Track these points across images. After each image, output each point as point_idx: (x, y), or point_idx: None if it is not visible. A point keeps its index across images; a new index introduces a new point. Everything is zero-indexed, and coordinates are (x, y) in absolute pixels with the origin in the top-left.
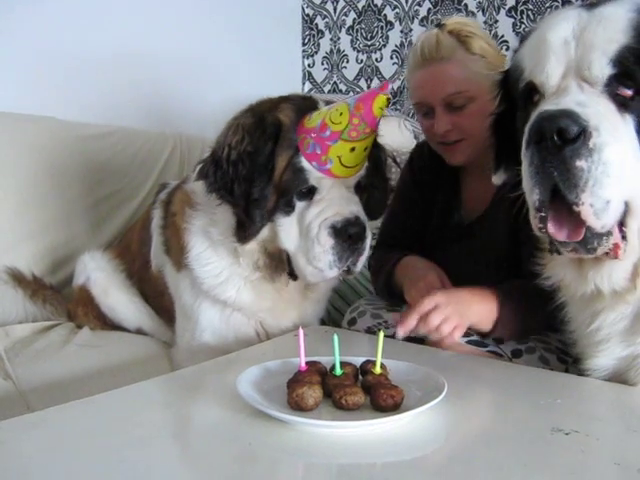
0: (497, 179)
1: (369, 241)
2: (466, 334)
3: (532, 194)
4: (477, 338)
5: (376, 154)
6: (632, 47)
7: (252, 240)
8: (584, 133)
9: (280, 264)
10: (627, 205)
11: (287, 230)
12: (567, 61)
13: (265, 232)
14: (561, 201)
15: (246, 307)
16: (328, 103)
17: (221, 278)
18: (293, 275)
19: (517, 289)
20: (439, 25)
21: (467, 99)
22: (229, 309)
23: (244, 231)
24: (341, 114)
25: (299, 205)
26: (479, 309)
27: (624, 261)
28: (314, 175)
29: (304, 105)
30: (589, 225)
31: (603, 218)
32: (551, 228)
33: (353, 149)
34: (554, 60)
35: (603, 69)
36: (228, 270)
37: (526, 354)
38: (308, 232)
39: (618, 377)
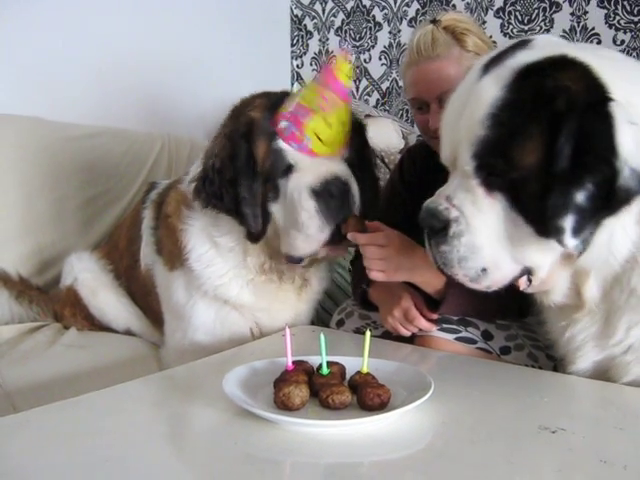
0: None
1: (356, 193)
2: (454, 330)
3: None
4: (466, 335)
5: (366, 154)
6: (487, 138)
7: (262, 238)
8: (446, 224)
9: (289, 267)
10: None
11: (280, 215)
12: (452, 147)
13: (269, 231)
14: None
15: (245, 306)
16: None
17: (225, 279)
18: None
19: None
20: (434, 21)
21: None
22: (226, 308)
23: (250, 231)
24: (311, 91)
25: (282, 184)
26: (428, 274)
27: (556, 285)
28: (292, 154)
29: (278, 97)
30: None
31: (484, 282)
32: None
33: (328, 123)
34: (446, 145)
35: (467, 164)
36: (232, 272)
37: (515, 351)
38: (292, 201)
39: (600, 377)
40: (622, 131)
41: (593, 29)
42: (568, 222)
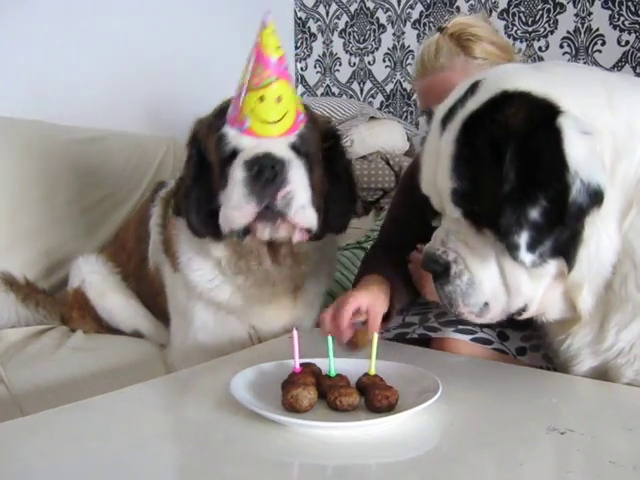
0: None
1: (292, 176)
2: (470, 331)
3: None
4: (482, 335)
5: (341, 164)
6: (458, 190)
7: (225, 233)
8: (447, 267)
9: (264, 259)
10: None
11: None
12: (437, 198)
13: None
14: None
15: (238, 310)
16: None
17: (215, 282)
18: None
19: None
20: (441, 29)
21: None
22: (223, 311)
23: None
24: (245, 68)
25: (227, 171)
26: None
27: (549, 306)
28: (235, 138)
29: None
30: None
31: (486, 315)
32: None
33: (262, 98)
34: (433, 196)
35: (453, 212)
36: (219, 278)
37: (530, 352)
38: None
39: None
40: (571, 143)
41: (597, 30)
42: (522, 238)
